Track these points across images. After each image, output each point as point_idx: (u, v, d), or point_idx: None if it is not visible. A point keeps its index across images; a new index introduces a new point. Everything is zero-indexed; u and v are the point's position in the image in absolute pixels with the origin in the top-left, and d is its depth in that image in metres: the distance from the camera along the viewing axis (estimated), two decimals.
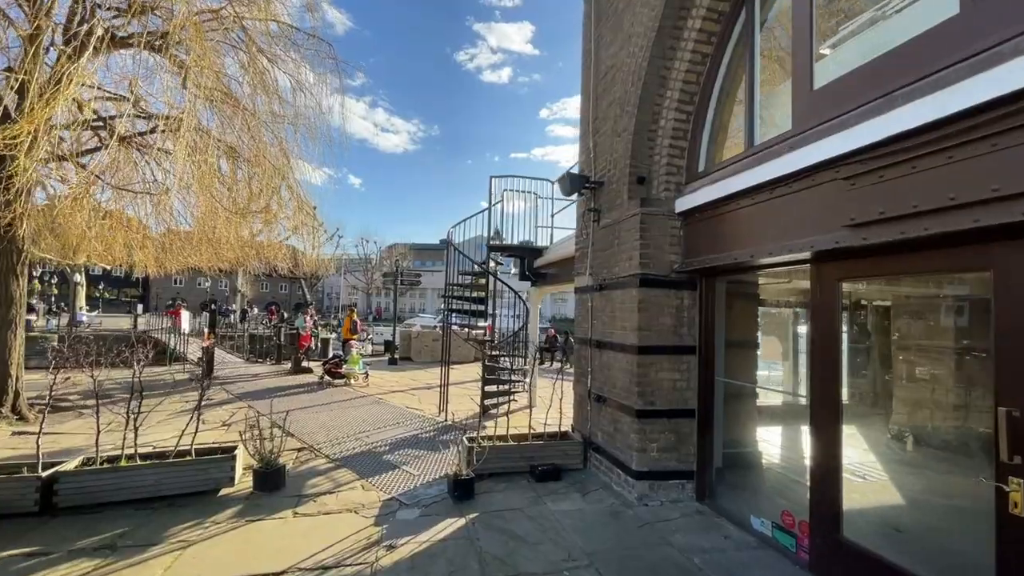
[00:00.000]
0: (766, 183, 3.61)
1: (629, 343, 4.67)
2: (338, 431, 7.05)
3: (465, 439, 5.32)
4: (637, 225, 4.64)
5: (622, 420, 4.76)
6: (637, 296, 4.59)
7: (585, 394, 5.66)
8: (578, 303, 6.07)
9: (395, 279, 16.59)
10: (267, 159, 9.20)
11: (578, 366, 5.99)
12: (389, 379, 12.26)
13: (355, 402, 9.21)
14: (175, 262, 12.04)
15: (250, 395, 9.64)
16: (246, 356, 16.18)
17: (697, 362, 4.67)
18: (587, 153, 5.89)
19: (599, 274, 5.45)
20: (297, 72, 9.38)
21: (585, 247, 5.88)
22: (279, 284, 68.75)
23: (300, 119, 9.66)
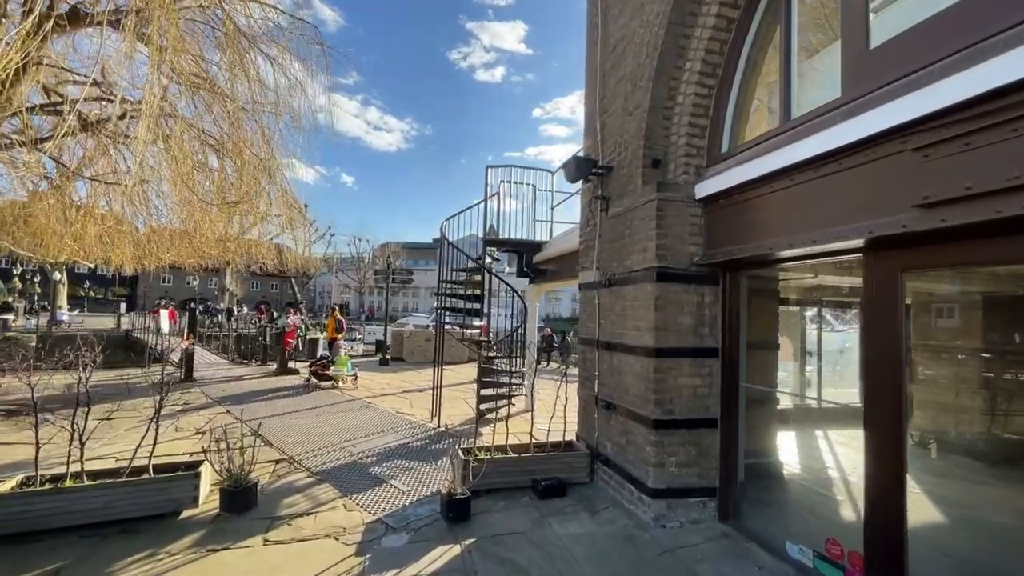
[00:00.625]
0: (807, 161, 3.13)
1: (644, 345, 4.17)
2: (322, 439, 6.50)
3: (460, 451, 4.80)
4: (653, 213, 4.14)
5: (635, 431, 4.26)
6: (653, 292, 4.09)
7: (591, 400, 5.16)
8: (583, 301, 5.57)
9: (387, 277, 16.02)
10: (248, 148, 8.62)
11: (583, 369, 5.49)
12: (379, 381, 11.71)
13: (342, 406, 8.65)
14: (153, 258, 11.42)
15: (230, 399, 9.05)
16: (231, 357, 15.55)
17: (720, 366, 4.18)
18: (593, 136, 5.38)
19: (607, 268, 4.95)
20: (281, 57, 8.80)
21: (591, 239, 5.38)
22: (270, 283, 67.85)
23: (283, 107, 9.09)
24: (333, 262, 52.47)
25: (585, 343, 5.42)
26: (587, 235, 5.51)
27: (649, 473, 4.03)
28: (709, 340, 4.19)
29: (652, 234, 4.14)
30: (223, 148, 8.72)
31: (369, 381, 11.49)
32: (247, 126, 8.69)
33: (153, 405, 8.64)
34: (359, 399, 9.34)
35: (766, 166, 3.46)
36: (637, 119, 4.46)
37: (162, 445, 6.35)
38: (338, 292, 62.95)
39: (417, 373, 13.46)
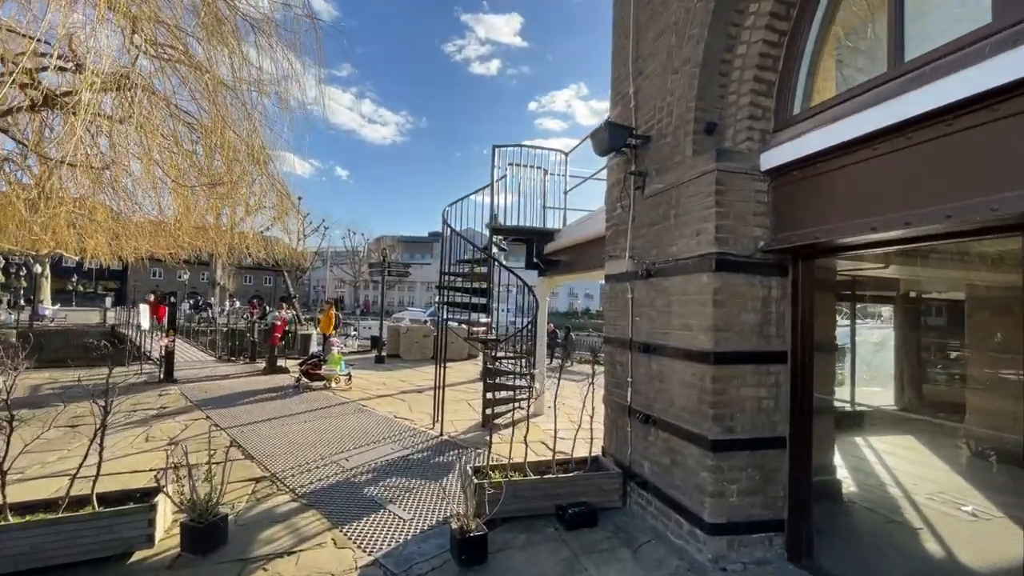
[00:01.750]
0: (935, 113, 2.38)
1: (698, 348, 3.43)
2: (310, 451, 5.75)
3: (471, 472, 4.06)
4: (711, 187, 3.39)
5: (686, 452, 3.53)
6: (711, 284, 3.35)
7: (622, 411, 4.44)
8: (610, 295, 4.83)
9: (382, 270, 15.21)
10: (229, 127, 7.79)
11: (610, 374, 4.75)
12: (375, 380, 10.96)
13: (334, 410, 7.90)
14: (130, 248, 10.58)
15: (212, 402, 8.27)
16: (218, 354, 14.74)
17: (789, 373, 3.46)
18: (624, 103, 4.62)
19: (644, 257, 4.21)
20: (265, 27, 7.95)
21: (622, 223, 4.63)
22: (264, 277, 66.76)
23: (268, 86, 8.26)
24: (327, 256, 51.53)
25: (613, 344, 4.68)
26: (616, 218, 4.76)
27: (705, 504, 3.30)
28: (776, 342, 3.46)
29: (709, 214, 3.39)
30: (201, 127, 7.90)
31: (364, 381, 10.74)
32: (227, 102, 7.87)
33: (127, 411, 7.90)
34: (353, 402, 8.58)
35: (866, 124, 2.72)
36: (686, 76, 3.70)
37: (128, 459, 5.61)
38: (333, 286, 62.06)
39: (415, 371, 12.72)
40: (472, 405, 8.67)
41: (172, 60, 7.54)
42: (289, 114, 8.55)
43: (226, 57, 7.59)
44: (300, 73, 8.23)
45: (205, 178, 7.25)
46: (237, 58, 7.80)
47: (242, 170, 7.59)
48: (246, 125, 7.86)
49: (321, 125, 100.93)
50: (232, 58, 7.71)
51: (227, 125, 7.72)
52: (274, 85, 8.39)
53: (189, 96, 7.71)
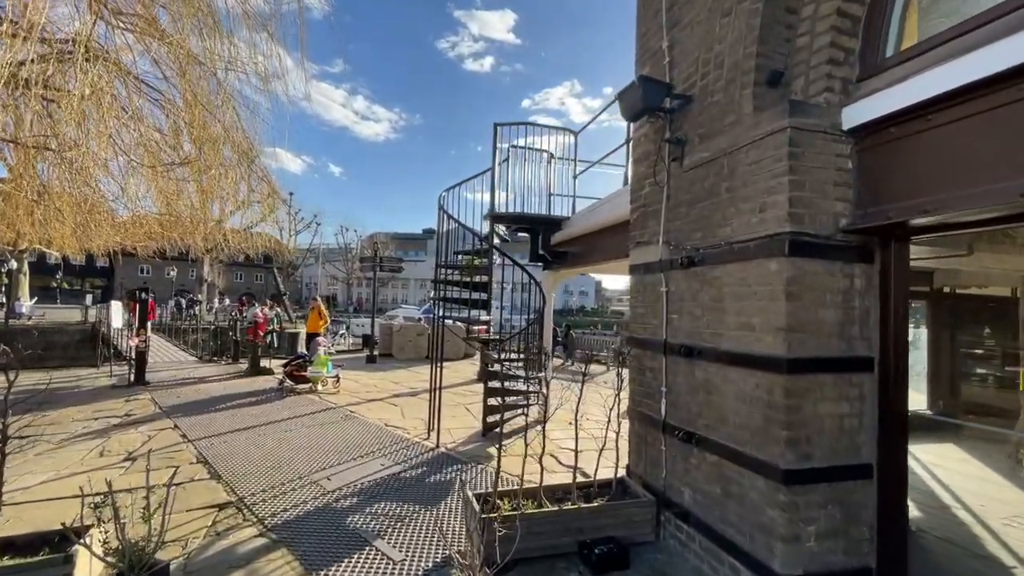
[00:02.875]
0: None
1: (764, 353, 2.73)
2: (288, 468, 5.01)
3: (475, 502, 3.34)
4: (782, 150, 2.68)
5: (744, 482, 2.83)
6: (783, 272, 2.64)
7: (653, 426, 3.73)
8: (636, 288, 4.11)
9: (374, 266, 14.43)
10: (201, 105, 7.00)
11: (637, 382, 4.04)
12: (366, 382, 10.20)
13: (319, 417, 7.15)
14: (100, 241, 9.75)
15: (184, 408, 7.50)
16: (199, 354, 13.91)
17: (876, 384, 2.77)
18: (653, 62, 3.89)
19: (683, 242, 3.50)
20: None
21: (651, 204, 3.91)
22: (255, 274, 65.63)
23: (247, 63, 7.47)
24: (320, 253, 50.56)
25: (641, 346, 3.97)
26: (644, 198, 4.04)
27: (776, 550, 2.60)
28: (860, 345, 2.76)
29: (779, 184, 2.68)
30: (172, 106, 7.10)
31: (354, 383, 9.98)
32: (199, 77, 7.08)
33: (89, 417, 7.11)
34: (340, 407, 7.83)
35: (1011, 55, 2.02)
36: (742, 16, 2.98)
37: (73, 480, 4.80)
38: (325, 283, 61.09)
39: (408, 372, 11.98)
40: (471, 410, 7.95)
41: (137, 30, 6.76)
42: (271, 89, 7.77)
43: (196, 28, 6.80)
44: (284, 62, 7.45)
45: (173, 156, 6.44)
46: (214, 35, 7.03)
47: (215, 150, 6.80)
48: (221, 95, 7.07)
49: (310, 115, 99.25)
50: (203, 31, 6.92)
51: (197, 100, 6.93)
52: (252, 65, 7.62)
53: (153, 62, 6.92)
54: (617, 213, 4.88)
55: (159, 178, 7.39)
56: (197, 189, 8.44)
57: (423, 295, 63.93)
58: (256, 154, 9.19)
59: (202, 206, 8.98)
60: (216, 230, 11.52)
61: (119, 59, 6.67)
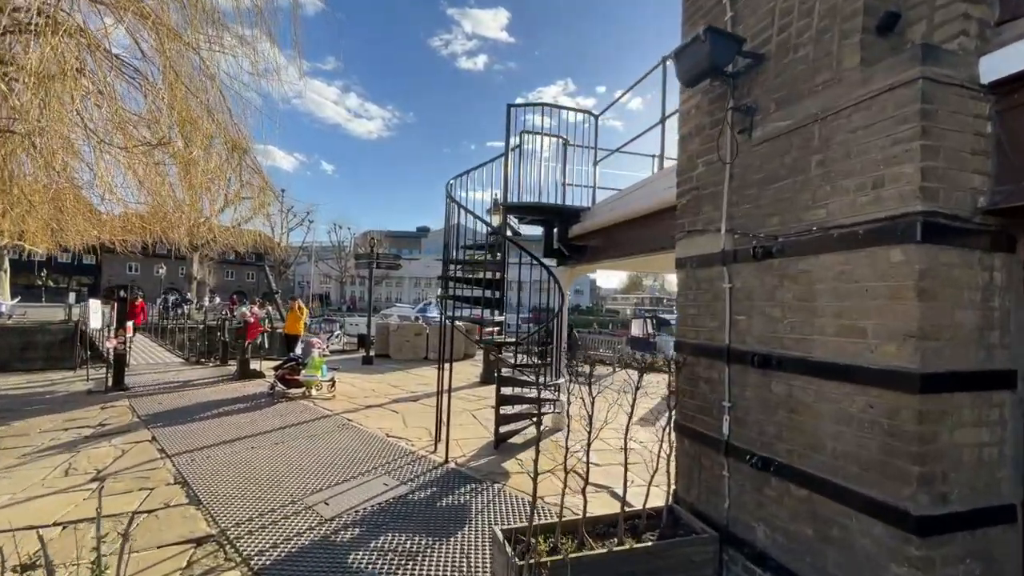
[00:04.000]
0: None
1: (883, 366, 2.16)
2: (278, 489, 4.39)
3: (507, 545, 2.75)
4: (912, 107, 2.11)
5: (853, 526, 2.27)
6: (913, 264, 2.07)
7: (714, 447, 3.16)
8: (687, 284, 3.54)
9: (370, 263, 13.77)
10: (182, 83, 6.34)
11: (688, 394, 3.47)
12: (363, 385, 9.58)
13: (313, 427, 6.53)
14: (71, 232, 9.04)
15: (165, 417, 6.85)
16: (186, 356, 13.21)
17: (1019, 404, 2.21)
18: (709, 17, 3.31)
19: (755, 228, 2.93)
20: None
21: (707, 186, 3.34)
22: (246, 272, 64.62)
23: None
24: (312, 250, 49.70)
25: (697, 352, 3.39)
26: (697, 180, 3.47)
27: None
28: (1000, 356, 2.20)
29: (906, 151, 2.11)
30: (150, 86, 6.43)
31: (350, 387, 9.36)
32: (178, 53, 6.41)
33: (60, 427, 6.44)
34: (336, 414, 7.21)
35: None
36: None
37: (30, 505, 4.16)
38: (318, 282, 60.24)
39: (407, 374, 11.37)
40: (477, 417, 7.37)
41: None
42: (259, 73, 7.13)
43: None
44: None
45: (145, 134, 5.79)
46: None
47: (198, 135, 6.14)
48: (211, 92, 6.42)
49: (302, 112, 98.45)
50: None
51: (179, 79, 6.27)
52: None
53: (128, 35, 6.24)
54: (656, 200, 4.31)
55: (135, 163, 6.71)
56: (180, 178, 7.79)
57: (417, 294, 63.29)
58: (247, 147, 8.56)
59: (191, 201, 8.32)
60: (201, 224, 10.83)
61: (85, 28, 6.02)
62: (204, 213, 13.38)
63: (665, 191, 4.31)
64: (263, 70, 7.26)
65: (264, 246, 15.28)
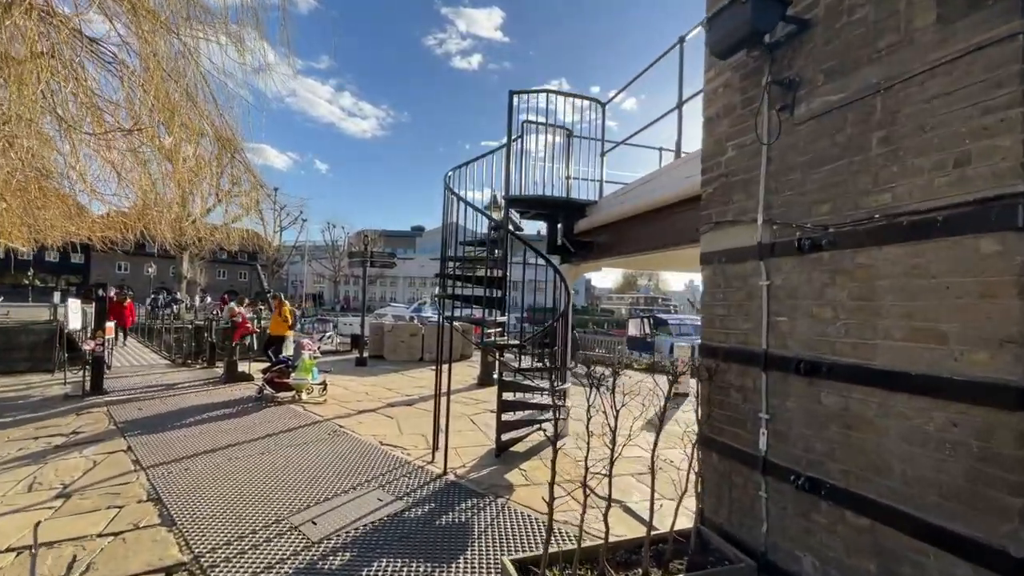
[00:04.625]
0: None
1: (971, 376, 1.82)
2: (262, 506, 4.01)
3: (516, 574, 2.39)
4: (1006, 71, 1.77)
5: (931, 565, 1.93)
6: (1015, 255, 1.74)
7: (748, 464, 2.82)
8: (716, 281, 3.20)
9: (364, 261, 13.37)
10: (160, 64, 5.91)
11: (717, 404, 3.13)
12: (356, 388, 9.19)
13: (302, 434, 6.13)
14: (48, 228, 8.58)
15: (144, 424, 6.43)
16: (172, 357, 12.75)
17: None
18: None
19: (799, 218, 2.59)
20: None
21: (740, 172, 3.00)
22: (238, 271, 63.95)
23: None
24: (305, 250, 49.11)
25: (728, 357, 3.05)
26: (727, 164, 3.12)
27: None
28: None
29: (1001, 120, 1.78)
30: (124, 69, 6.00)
31: (342, 390, 8.97)
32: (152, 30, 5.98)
33: (30, 436, 6.01)
34: (327, 420, 6.82)
35: None
36: None
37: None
38: (311, 281, 59.68)
39: (402, 376, 10.99)
40: (476, 422, 7.01)
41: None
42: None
43: None
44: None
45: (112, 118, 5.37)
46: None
47: (178, 121, 5.71)
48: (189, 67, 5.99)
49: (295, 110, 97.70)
50: None
51: (158, 64, 5.84)
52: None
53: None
54: (674, 190, 3.97)
55: (115, 157, 6.29)
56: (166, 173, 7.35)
57: (412, 294, 62.80)
58: (238, 144, 8.15)
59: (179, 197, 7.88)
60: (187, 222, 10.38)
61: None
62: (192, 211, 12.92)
63: (684, 181, 3.97)
64: (256, 68, 6.85)
65: (255, 245, 14.82)
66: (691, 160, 4.02)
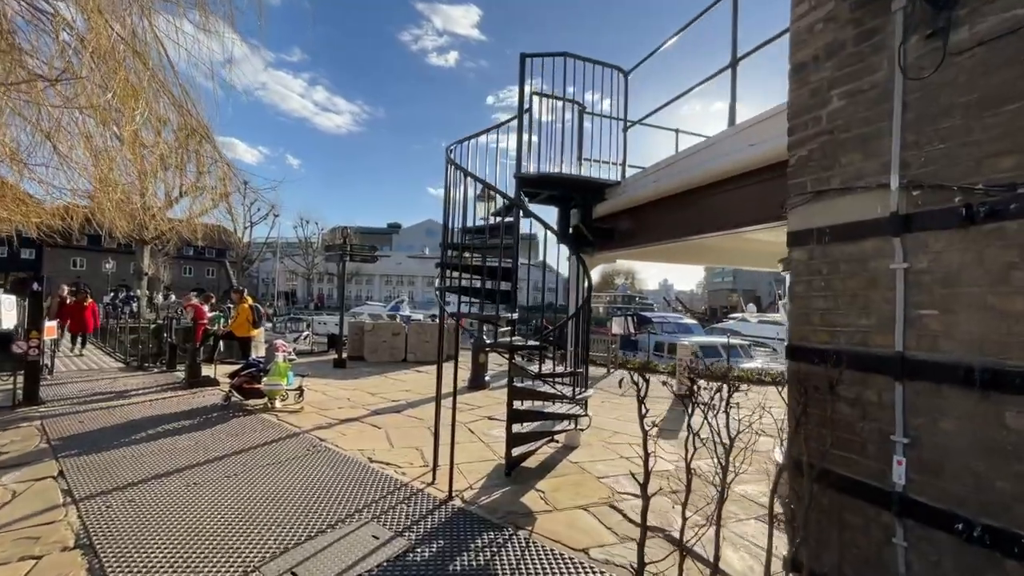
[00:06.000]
0: None
1: None
2: (222, 553, 3.17)
3: None
4: None
5: None
6: None
7: (872, 501, 2.17)
8: (816, 266, 2.53)
9: (343, 255, 12.40)
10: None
11: (822, 421, 2.46)
12: (336, 394, 8.31)
13: (276, 450, 5.27)
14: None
15: (84, 440, 5.45)
16: (127, 360, 11.55)
17: None
18: None
19: (959, 178, 1.94)
20: None
21: (855, 126, 2.35)
22: (205, 268, 61.33)
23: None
24: (277, 246, 47.17)
25: (835, 362, 2.38)
26: (831, 118, 2.46)
27: None
28: None
29: None
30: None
31: (321, 395, 8.08)
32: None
33: None
34: (305, 432, 5.97)
35: None
36: None
37: None
38: (284, 279, 57.63)
39: (385, 379, 10.14)
40: (474, 431, 6.28)
41: None
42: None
43: None
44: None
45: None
46: None
47: (119, 70, 4.76)
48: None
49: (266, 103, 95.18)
50: None
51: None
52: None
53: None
54: (734, 161, 3.31)
55: (55, 135, 5.30)
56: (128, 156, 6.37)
57: (389, 292, 61.35)
58: (206, 132, 7.21)
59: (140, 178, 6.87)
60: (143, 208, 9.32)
61: None
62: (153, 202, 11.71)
63: (747, 150, 3.31)
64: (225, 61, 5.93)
65: (222, 239, 13.69)
66: (753, 126, 3.37)
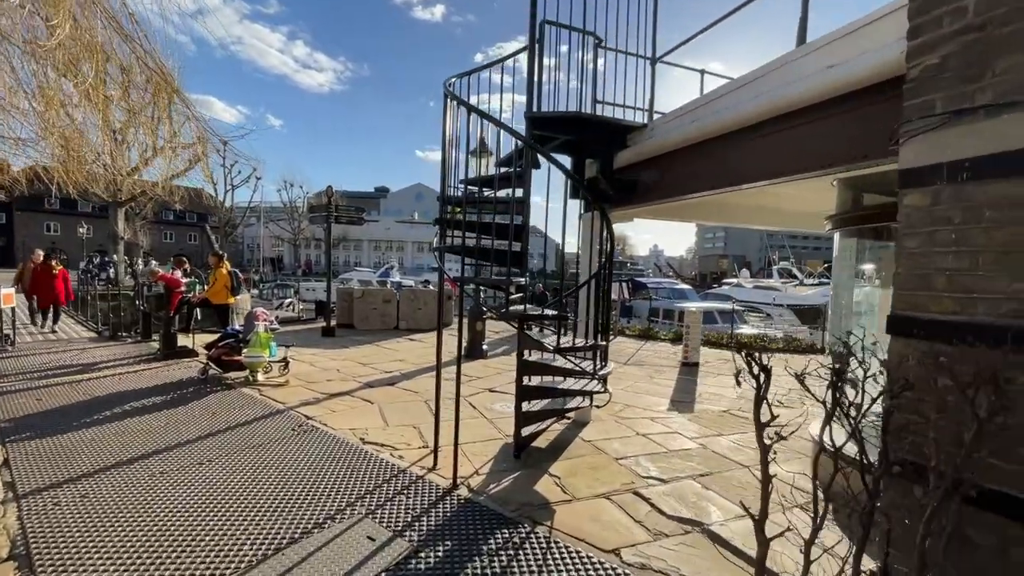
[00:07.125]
0: None
1: None
2: (190, 561, 2.64)
3: None
4: None
5: None
6: None
7: (1019, 515, 1.67)
8: (940, 215, 1.95)
9: (328, 217, 11.59)
10: None
11: (940, 409, 1.94)
12: (324, 364, 7.76)
13: (257, 430, 4.73)
14: None
15: (39, 421, 4.84)
16: (99, 330, 10.84)
17: None
18: None
19: None
20: None
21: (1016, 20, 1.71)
22: (187, 233, 59.66)
23: None
24: (260, 211, 45.56)
25: (970, 337, 1.84)
26: (982, 9, 1.83)
27: None
28: None
29: None
30: None
31: (308, 366, 7.53)
32: None
33: None
34: (290, 408, 5.42)
35: None
36: None
37: None
38: (270, 244, 56.19)
39: (377, 348, 9.61)
40: (476, 405, 5.80)
41: None
42: None
43: None
44: None
45: None
46: None
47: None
48: None
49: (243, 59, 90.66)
50: None
51: None
52: None
53: None
54: (809, 87, 2.67)
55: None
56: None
57: (378, 258, 60.29)
58: (170, 83, 6.35)
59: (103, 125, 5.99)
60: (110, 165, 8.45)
61: None
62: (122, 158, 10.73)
63: (825, 72, 2.66)
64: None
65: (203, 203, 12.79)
66: (833, 42, 2.71)
